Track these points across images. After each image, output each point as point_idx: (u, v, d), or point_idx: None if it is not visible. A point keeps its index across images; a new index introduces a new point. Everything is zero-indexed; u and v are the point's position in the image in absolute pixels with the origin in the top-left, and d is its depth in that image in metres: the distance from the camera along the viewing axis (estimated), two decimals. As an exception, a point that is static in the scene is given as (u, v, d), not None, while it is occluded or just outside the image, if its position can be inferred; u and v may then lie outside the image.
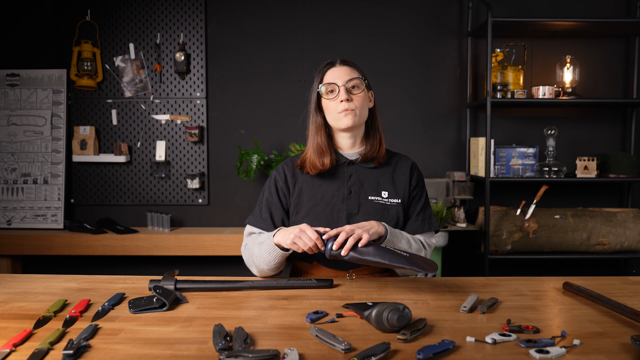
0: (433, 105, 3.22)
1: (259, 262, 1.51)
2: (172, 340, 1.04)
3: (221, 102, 3.20)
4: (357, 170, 1.60)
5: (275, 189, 1.62)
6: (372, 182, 1.59)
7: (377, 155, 1.60)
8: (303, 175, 1.61)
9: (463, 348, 1.00)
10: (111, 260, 3.15)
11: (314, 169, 1.58)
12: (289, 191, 1.61)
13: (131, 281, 1.48)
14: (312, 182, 1.60)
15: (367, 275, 1.58)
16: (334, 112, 1.55)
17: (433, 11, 3.18)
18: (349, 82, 1.54)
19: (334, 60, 1.59)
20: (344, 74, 1.55)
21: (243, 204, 3.22)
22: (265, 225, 1.59)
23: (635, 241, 2.95)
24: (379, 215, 1.55)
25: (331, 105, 1.55)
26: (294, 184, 1.61)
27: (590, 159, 2.98)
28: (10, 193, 3.14)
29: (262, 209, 1.62)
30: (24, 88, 3.16)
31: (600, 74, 3.20)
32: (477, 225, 3.06)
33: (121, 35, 3.16)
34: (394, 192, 1.59)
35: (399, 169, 1.63)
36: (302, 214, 1.57)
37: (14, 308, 1.24)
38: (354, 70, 1.58)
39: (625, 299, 1.29)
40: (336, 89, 1.54)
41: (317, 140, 1.58)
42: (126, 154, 3.15)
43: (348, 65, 1.58)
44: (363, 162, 1.60)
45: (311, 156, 1.58)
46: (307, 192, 1.59)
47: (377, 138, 1.62)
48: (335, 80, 1.55)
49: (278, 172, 1.64)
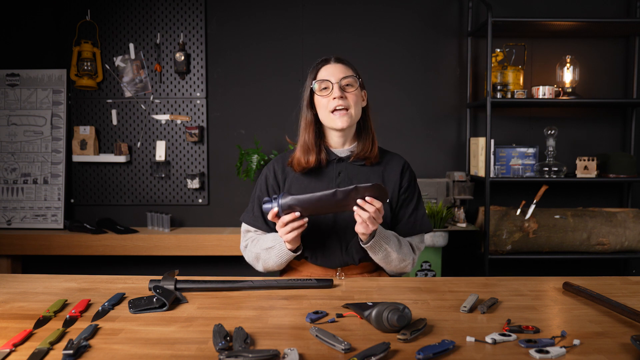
0: (433, 105, 3.22)
1: (267, 264, 1.56)
2: (172, 340, 1.04)
3: (221, 102, 3.20)
4: (346, 167, 1.59)
5: (266, 186, 1.63)
6: (361, 180, 1.58)
7: (370, 155, 1.59)
8: (293, 172, 1.61)
9: (463, 348, 0.99)
10: (111, 260, 3.15)
11: (298, 167, 1.58)
12: (279, 188, 1.62)
13: (131, 281, 1.48)
14: (301, 179, 1.60)
15: (356, 275, 1.58)
16: (326, 110, 1.54)
17: (433, 11, 3.18)
18: (343, 79, 1.54)
19: (328, 58, 1.59)
20: (338, 72, 1.55)
21: (243, 204, 3.21)
22: (257, 222, 1.62)
23: (635, 241, 2.95)
24: None
25: (323, 102, 1.55)
26: (284, 180, 1.61)
27: (590, 159, 2.97)
28: (10, 193, 3.14)
29: (254, 207, 1.64)
30: (24, 88, 3.16)
31: (600, 74, 3.20)
32: (477, 225, 3.06)
33: (121, 35, 3.16)
34: None
35: (390, 168, 1.62)
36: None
37: (14, 308, 1.24)
38: (348, 68, 1.57)
39: (625, 299, 1.28)
40: (330, 85, 1.53)
41: (305, 137, 1.58)
42: (126, 154, 3.15)
43: (342, 63, 1.57)
44: (354, 160, 1.60)
45: (297, 153, 1.59)
46: (296, 188, 1.59)
47: (370, 138, 1.60)
48: (329, 77, 1.54)
49: (268, 169, 1.64)
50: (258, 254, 1.57)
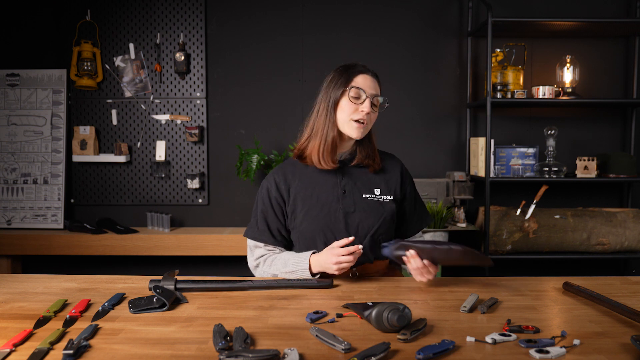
0: (433, 105, 3.22)
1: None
2: (172, 340, 1.04)
3: (221, 102, 3.20)
4: (348, 170, 1.61)
5: (269, 199, 1.61)
6: (364, 181, 1.61)
7: (373, 164, 1.62)
8: (295, 181, 1.61)
9: (463, 348, 1.00)
10: (111, 260, 3.15)
11: (325, 163, 1.56)
12: (284, 200, 1.61)
13: (131, 281, 1.48)
14: (304, 186, 1.60)
15: (372, 273, 1.60)
16: (348, 116, 1.54)
17: (433, 11, 3.18)
18: (375, 97, 1.56)
19: (365, 67, 1.59)
20: (374, 87, 1.57)
21: (243, 204, 3.22)
22: (263, 237, 1.60)
23: (635, 241, 2.95)
24: (375, 212, 1.57)
25: (351, 108, 1.54)
26: (288, 190, 1.61)
27: (590, 159, 2.97)
28: (10, 193, 3.14)
29: (257, 221, 1.62)
30: (24, 88, 3.16)
31: (600, 74, 3.20)
32: (477, 225, 3.06)
33: (121, 35, 3.16)
34: (386, 189, 1.62)
35: (389, 168, 1.67)
36: (299, 219, 1.57)
37: (14, 308, 1.24)
38: (379, 87, 1.60)
39: (625, 299, 1.29)
40: (363, 96, 1.54)
41: (333, 135, 1.57)
42: (126, 154, 3.15)
43: (377, 80, 1.60)
44: (356, 164, 1.62)
45: (322, 150, 1.56)
46: (301, 197, 1.59)
47: (371, 147, 1.63)
48: (366, 89, 1.55)
49: (269, 183, 1.63)
50: (276, 275, 1.56)
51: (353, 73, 1.57)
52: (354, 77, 1.56)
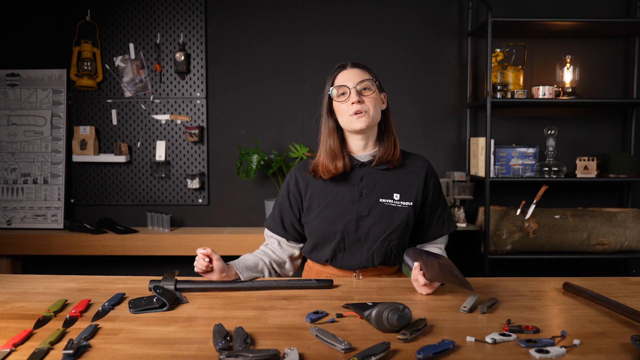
0: (433, 105, 3.22)
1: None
2: (172, 340, 1.04)
3: (221, 102, 3.20)
4: (369, 172, 1.59)
5: (287, 193, 1.64)
6: (384, 184, 1.58)
7: (392, 159, 1.59)
8: (315, 179, 1.62)
9: (463, 348, 1.00)
10: (111, 260, 3.15)
11: (327, 173, 1.57)
12: (301, 195, 1.62)
13: (131, 281, 1.48)
14: (323, 184, 1.60)
15: (373, 277, 1.59)
16: (345, 115, 1.54)
17: (433, 11, 3.18)
18: (359, 83, 1.54)
19: (344, 64, 1.60)
20: (355, 76, 1.55)
21: (243, 204, 3.22)
22: (276, 228, 1.65)
23: (635, 241, 2.95)
24: (389, 218, 1.55)
25: (342, 108, 1.55)
26: (306, 187, 1.62)
27: (590, 159, 2.97)
28: (10, 193, 3.14)
29: (275, 212, 1.67)
30: (24, 88, 3.16)
31: (600, 74, 3.20)
32: (477, 225, 3.06)
33: (121, 35, 3.16)
34: (406, 195, 1.58)
35: (414, 171, 1.62)
36: (313, 216, 1.59)
37: (14, 308, 1.24)
38: (365, 72, 1.58)
39: (625, 299, 1.29)
40: (347, 91, 1.54)
41: (330, 143, 1.58)
42: (126, 154, 3.15)
43: (359, 68, 1.58)
44: (377, 165, 1.60)
45: (324, 160, 1.58)
46: (319, 194, 1.60)
47: (391, 140, 1.61)
48: (346, 83, 1.54)
49: (291, 176, 1.66)
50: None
51: (333, 76, 1.59)
52: (334, 79, 1.58)
